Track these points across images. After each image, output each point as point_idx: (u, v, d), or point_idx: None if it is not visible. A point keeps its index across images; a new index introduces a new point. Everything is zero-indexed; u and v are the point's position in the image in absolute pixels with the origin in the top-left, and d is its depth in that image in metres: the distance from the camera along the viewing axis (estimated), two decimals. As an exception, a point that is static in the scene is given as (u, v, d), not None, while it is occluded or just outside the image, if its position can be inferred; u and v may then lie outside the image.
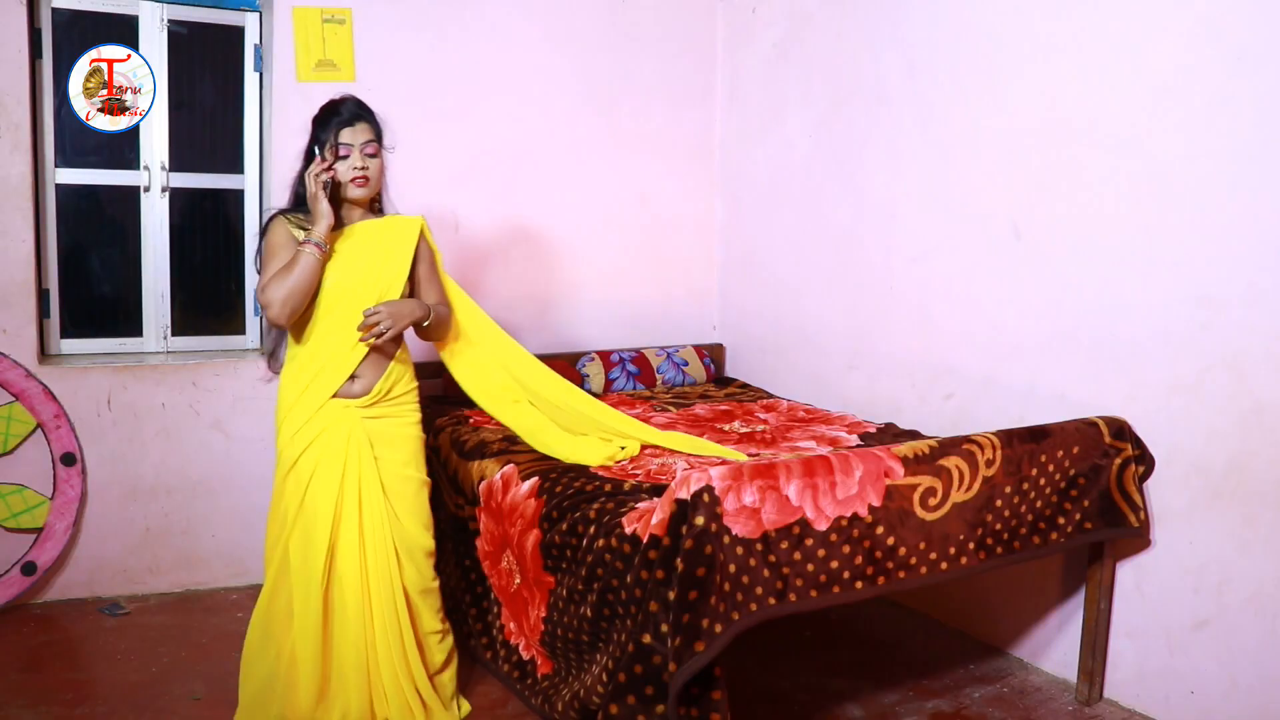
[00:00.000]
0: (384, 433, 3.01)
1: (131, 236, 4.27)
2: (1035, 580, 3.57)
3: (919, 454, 2.71)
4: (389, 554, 2.98)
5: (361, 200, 3.02)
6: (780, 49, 4.76)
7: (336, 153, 2.92)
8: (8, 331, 3.85)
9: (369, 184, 2.97)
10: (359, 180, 2.95)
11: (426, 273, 3.16)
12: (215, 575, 4.23)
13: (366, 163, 2.95)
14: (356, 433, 2.95)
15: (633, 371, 4.81)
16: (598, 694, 2.61)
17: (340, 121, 2.93)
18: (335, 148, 2.92)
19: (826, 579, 2.54)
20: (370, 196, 3.03)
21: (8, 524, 3.85)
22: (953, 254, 3.85)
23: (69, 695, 3.27)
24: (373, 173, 2.97)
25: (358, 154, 2.93)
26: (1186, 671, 3.10)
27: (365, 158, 2.95)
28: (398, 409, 3.05)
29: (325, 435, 2.92)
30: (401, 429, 3.06)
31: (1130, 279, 3.20)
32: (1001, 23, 3.61)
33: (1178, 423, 3.10)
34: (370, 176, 2.97)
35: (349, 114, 2.94)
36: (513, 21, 4.64)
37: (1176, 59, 3.05)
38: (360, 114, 2.96)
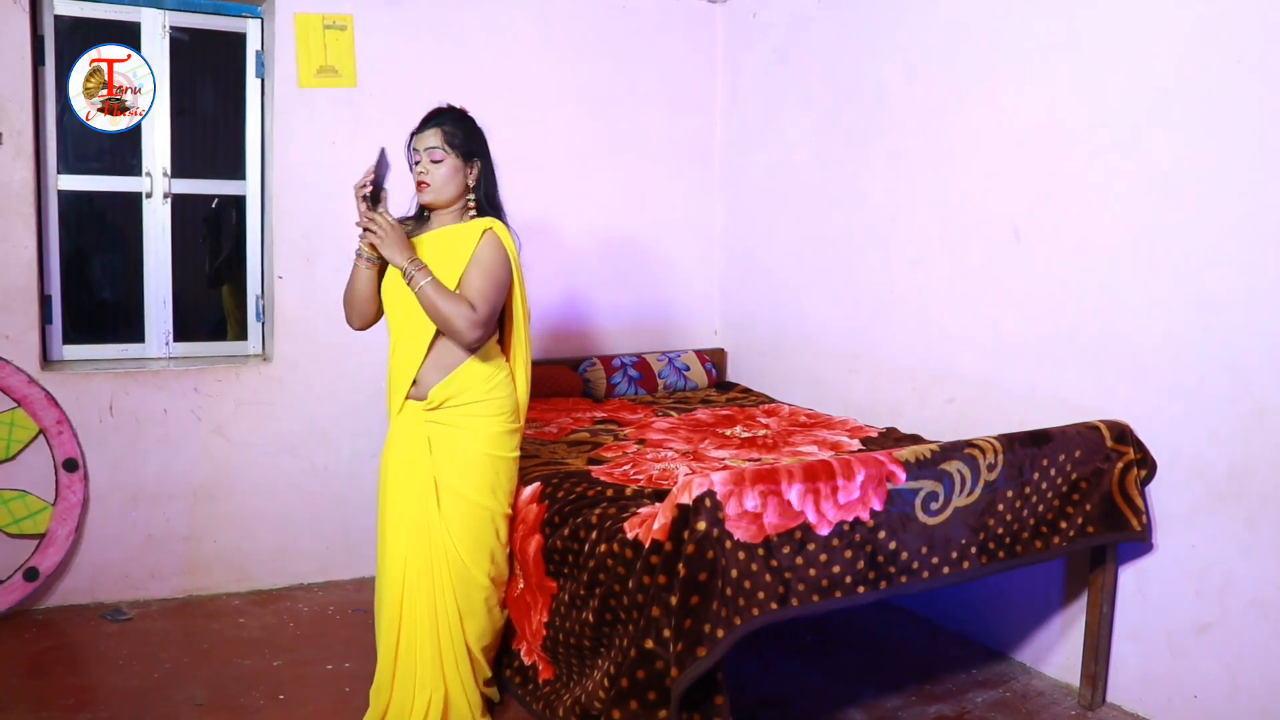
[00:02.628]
0: (445, 442, 2.99)
1: (133, 242, 4.27)
2: (1037, 584, 3.56)
3: (920, 458, 2.71)
4: (429, 569, 2.99)
5: (432, 204, 3.04)
6: (780, 53, 4.77)
7: (412, 161, 3.01)
8: (10, 337, 3.86)
9: (430, 189, 2.99)
10: (422, 185, 2.99)
11: (469, 270, 2.96)
12: (217, 581, 4.23)
13: (428, 168, 2.97)
14: (419, 436, 2.99)
15: (634, 376, 4.82)
16: (599, 699, 2.61)
17: (414, 131, 3.02)
18: (409, 156, 3.02)
19: (828, 583, 2.54)
20: (440, 201, 3.01)
21: (10, 530, 3.85)
22: (953, 257, 3.85)
23: (71, 701, 3.27)
24: (434, 178, 2.97)
25: (424, 160, 2.98)
26: (1189, 675, 3.09)
27: (430, 164, 2.97)
28: (463, 419, 2.99)
29: (394, 437, 3.02)
30: (466, 441, 2.99)
31: (1131, 281, 3.21)
32: (1000, 25, 3.62)
33: (1179, 426, 3.10)
34: (431, 182, 2.98)
35: (421, 121, 3.02)
36: (513, 27, 4.65)
37: (1176, 61, 3.05)
38: (430, 120, 3.01)
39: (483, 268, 2.93)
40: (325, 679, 3.47)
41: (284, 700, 3.31)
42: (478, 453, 3.00)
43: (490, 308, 2.90)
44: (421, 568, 2.99)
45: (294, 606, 4.12)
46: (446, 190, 2.99)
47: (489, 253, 2.94)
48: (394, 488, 3.02)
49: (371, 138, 4.24)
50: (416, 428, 3.00)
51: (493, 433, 3.02)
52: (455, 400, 2.97)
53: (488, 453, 3.01)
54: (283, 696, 3.33)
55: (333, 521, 4.37)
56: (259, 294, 4.47)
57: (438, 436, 2.99)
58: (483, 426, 3.00)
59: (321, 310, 4.22)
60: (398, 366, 3.01)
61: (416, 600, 2.99)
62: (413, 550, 2.99)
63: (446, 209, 3.04)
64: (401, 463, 3.01)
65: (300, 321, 4.28)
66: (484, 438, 3.00)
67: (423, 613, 2.99)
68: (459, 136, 2.99)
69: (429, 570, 2.99)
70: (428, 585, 2.99)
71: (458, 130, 2.99)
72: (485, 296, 2.90)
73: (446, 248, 2.97)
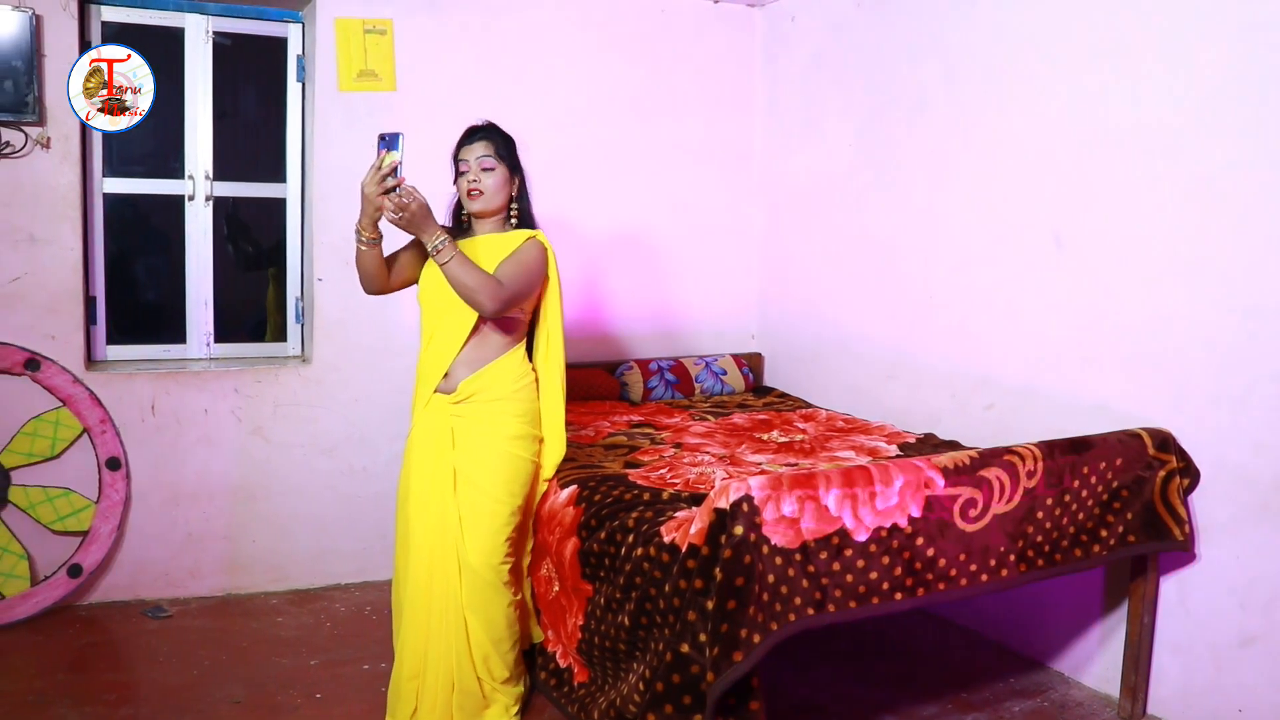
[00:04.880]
0: (468, 433, 3.07)
1: (175, 244, 4.32)
2: (1076, 593, 3.52)
3: (959, 464, 2.68)
4: (450, 563, 3.05)
5: (481, 212, 3.16)
6: (819, 57, 4.76)
7: (459, 170, 3.13)
8: (56, 338, 3.92)
9: (482, 196, 3.11)
10: (473, 193, 3.11)
11: (504, 262, 3.06)
12: (255, 580, 4.27)
13: (480, 176, 3.10)
14: (443, 429, 3.07)
15: (671, 380, 4.81)
16: (634, 703, 2.61)
17: (463, 141, 3.15)
18: (457, 165, 3.14)
19: (865, 590, 2.52)
20: (489, 209, 3.14)
21: (55, 527, 3.91)
22: (994, 263, 3.82)
23: (112, 696, 3.31)
24: (486, 186, 3.10)
25: (474, 169, 3.10)
26: (1234, 689, 3.04)
27: (481, 172, 3.09)
28: (486, 413, 3.08)
29: (418, 431, 3.10)
30: (489, 435, 3.08)
31: (1174, 289, 3.16)
32: (1042, 30, 3.59)
33: (1224, 435, 3.05)
34: (484, 190, 3.10)
35: (468, 133, 3.16)
36: (551, 31, 4.67)
37: (1220, 66, 3.01)
38: (477, 133, 3.15)
39: (519, 259, 3.07)
40: (361, 679, 3.49)
41: (320, 699, 3.34)
42: (499, 448, 3.09)
43: (515, 288, 3.00)
44: (447, 561, 3.04)
45: (331, 606, 4.15)
46: (496, 199, 3.12)
47: (530, 252, 3.10)
48: (417, 481, 3.09)
49: (411, 142, 4.29)
50: (441, 420, 3.09)
51: (513, 432, 3.12)
52: (482, 395, 3.08)
53: (508, 450, 3.10)
54: (319, 695, 3.36)
55: (370, 523, 4.40)
56: (299, 296, 4.52)
57: (461, 428, 3.08)
58: (504, 424, 3.10)
59: (360, 313, 4.25)
60: (430, 360, 3.12)
61: (444, 594, 3.04)
62: (437, 545, 3.04)
63: (491, 218, 3.17)
64: (424, 455, 3.09)
65: (339, 324, 4.31)
66: (505, 434, 3.10)
67: (449, 605, 3.05)
68: (505, 149, 3.14)
69: (453, 563, 3.05)
70: (454, 578, 3.05)
71: (504, 144, 3.15)
72: (514, 278, 3.01)
73: (491, 252, 3.09)
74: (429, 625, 3.05)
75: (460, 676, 3.06)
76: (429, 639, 3.05)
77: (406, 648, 3.06)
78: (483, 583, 3.05)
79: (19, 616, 3.84)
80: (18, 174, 3.83)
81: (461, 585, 3.05)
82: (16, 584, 3.85)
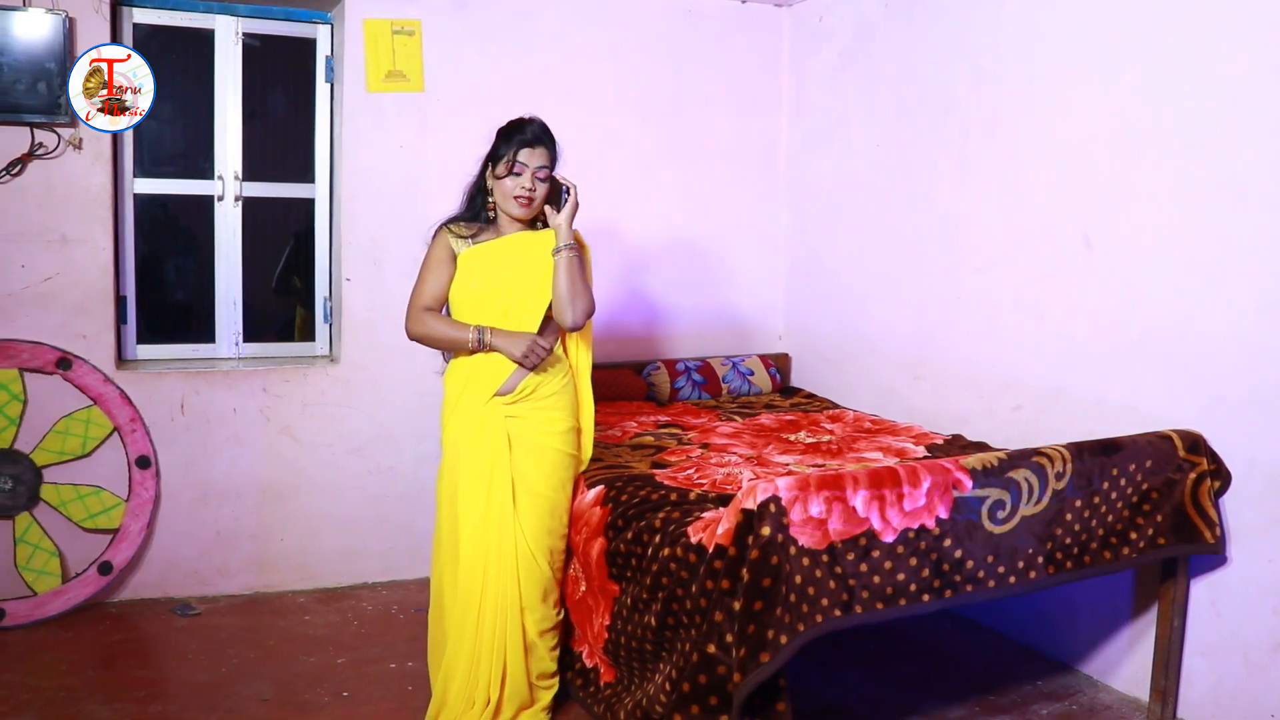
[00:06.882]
0: (523, 437, 3.10)
1: (205, 245, 4.36)
2: (1106, 596, 3.49)
3: (987, 466, 2.67)
4: (509, 565, 3.07)
5: (523, 218, 3.14)
6: (846, 57, 4.74)
7: (511, 168, 3.05)
8: (87, 337, 3.95)
9: (531, 205, 3.09)
10: (523, 200, 3.07)
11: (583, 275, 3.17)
12: (284, 579, 4.30)
13: (535, 185, 3.07)
14: (498, 431, 3.07)
15: (698, 380, 4.81)
16: (661, 703, 2.61)
17: (523, 141, 3.06)
18: (512, 164, 3.04)
19: (892, 591, 2.51)
20: (531, 216, 3.14)
21: (85, 524, 3.95)
22: (1021, 263, 3.80)
23: (142, 693, 3.34)
24: (538, 196, 3.09)
25: (529, 175, 3.05)
26: (1266, 694, 3.01)
27: (535, 180, 3.06)
28: (538, 412, 3.11)
29: (472, 435, 3.08)
30: (544, 436, 3.12)
31: (1204, 288, 3.13)
32: (1070, 28, 3.56)
33: (1256, 436, 3.02)
34: (534, 199, 3.08)
35: (533, 135, 3.07)
36: (579, 32, 4.68)
37: (1249, 66, 2.98)
38: (543, 139, 3.08)
39: (586, 272, 3.15)
40: (388, 677, 3.51)
41: (348, 697, 3.35)
42: (553, 448, 3.13)
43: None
44: (503, 560, 3.05)
45: (358, 605, 4.17)
46: (539, 207, 3.13)
47: (588, 262, 3.19)
48: (466, 481, 3.08)
49: (438, 142, 4.34)
50: (495, 424, 3.08)
51: (563, 428, 3.16)
52: (539, 393, 3.11)
53: (558, 446, 3.14)
54: (346, 694, 3.38)
55: (397, 523, 4.42)
56: (327, 296, 4.54)
57: (516, 430, 3.09)
58: (555, 420, 3.14)
59: (388, 313, 4.26)
60: (490, 363, 3.08)
61: (498, 590, 3.05)
62: (493, 543, 3.05)
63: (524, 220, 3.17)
64: (476, 455, 3.07)
65: (367, 324, 4.34)
66: (556, 431, 3.14)
67: (505, 603, 3.06)
68: (555, 158, 3.11)
69: (511, 564, 3.06)
70: (511, 579, 3.06)
71: (555, 151, 3.11)
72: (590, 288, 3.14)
73: (527, 253, 3.12)
74: (479, 621, 3.06)
75: (512, 672, 3.07)
76: (479, 635, 3.06)
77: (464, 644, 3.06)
78: (542, 576, 3.10)
79: (51, 613, 3.88)
80: (50, 175, 3.87)
81: (520, 582, 3.07)
82: (48, 581, 3.89)
